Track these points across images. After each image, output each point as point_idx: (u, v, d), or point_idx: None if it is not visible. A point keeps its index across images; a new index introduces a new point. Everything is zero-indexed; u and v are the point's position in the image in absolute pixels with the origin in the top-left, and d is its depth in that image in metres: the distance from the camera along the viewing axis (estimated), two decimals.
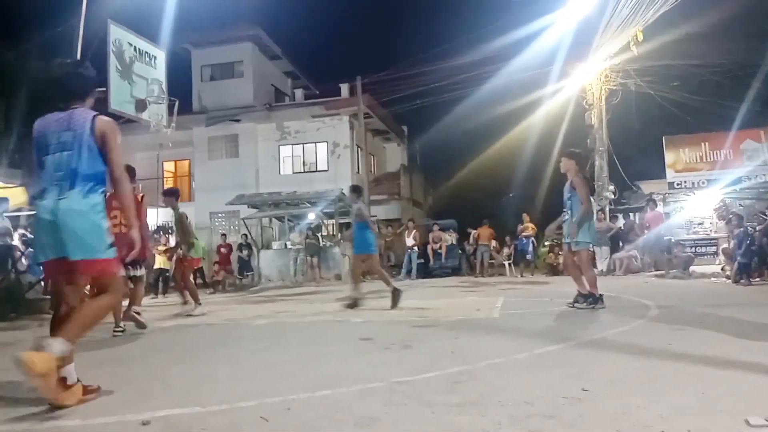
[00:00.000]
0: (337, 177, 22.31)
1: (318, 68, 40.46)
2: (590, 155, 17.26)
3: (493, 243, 17.30)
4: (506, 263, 16.49)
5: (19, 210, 11.24)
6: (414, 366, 3.52)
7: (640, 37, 15.22)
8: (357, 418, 2.47)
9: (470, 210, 24.30)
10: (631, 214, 16.88)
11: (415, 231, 16.99)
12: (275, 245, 18.86)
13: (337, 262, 17.23)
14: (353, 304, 7.42)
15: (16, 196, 11.12)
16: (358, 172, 23.77)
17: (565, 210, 6.76)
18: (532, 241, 16.14)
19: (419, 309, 7.21)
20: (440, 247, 16.58)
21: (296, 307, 8.67)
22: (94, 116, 3.06)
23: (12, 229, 10.24)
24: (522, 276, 15.13)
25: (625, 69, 16.59)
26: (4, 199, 10.74)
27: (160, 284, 14.08)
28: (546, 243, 19.35)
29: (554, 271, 15.13)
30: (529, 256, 15.85)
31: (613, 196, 17.16)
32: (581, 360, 3.58)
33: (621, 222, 16.32)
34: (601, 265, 13.84)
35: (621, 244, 14.36)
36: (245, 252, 17.95)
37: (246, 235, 18.75)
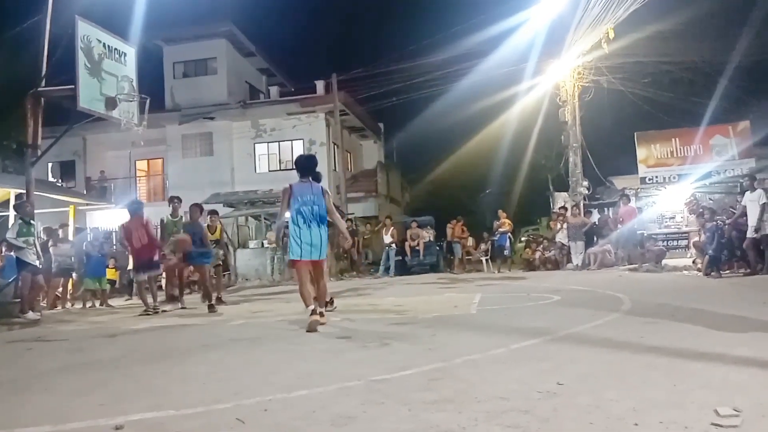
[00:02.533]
0: None
1: (293, 65, 40.25)
2: (564, 151, 17.48)
3: (470, 240, 17.41)
4: (483, 259, 16.59)
5: None
6: (391, 364, 3.52)
7: (612, 35, 15.42)
8: (334, 417, 2.46)
9: (448, 206, 24.34)
10: (605, 209, 17.11)
11: (392, 228, 16.98)
12: (252, 244, 18.67)
13: None
14: None
15: None
16: (335, 169, 23.67)
17: None
18: (509, 237, 16.29)
19: (397, 306, 7.22)
20: (418, 244, 16.61)
21: (273, 306, 8.61)
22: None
23: None
24: (499, 272, 15.25)
25: (597, 66, 16.78)
26: None
27: (134, 286, 13.83)
28: (522, 239, 19.57)
29: (531, 266, 15.28)
30: (506, 252, 15.98)
31: (587, 192, 17.37)
32: (556, 354, 3.62)
33: (595, 217, 16.55)
34: (576, 259, 14.02)
35: (595, 239, 14.56)
36: (221, 252, 17.71)
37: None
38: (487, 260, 16.50)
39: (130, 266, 13.06)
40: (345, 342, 4.55)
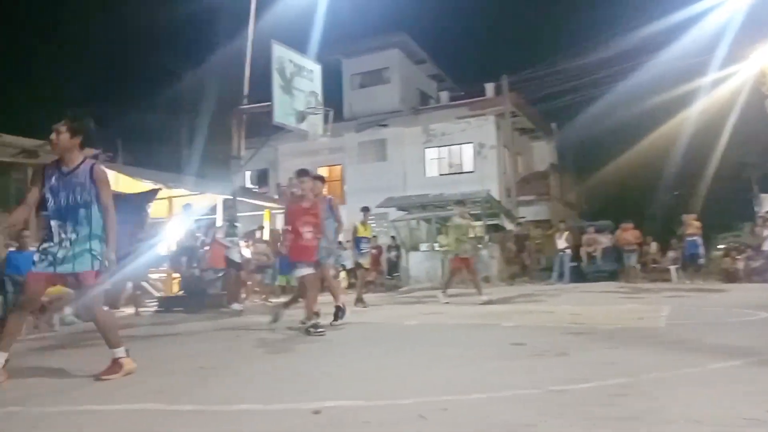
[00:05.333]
0: (483, 178, 22.11)
1: (463, 69, 40.25)
2: None
3: (654, 245, 15.96)
4: (672, 268, 15.12)
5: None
6: (569, 375, 3.42)
7: None
8: (511, 424, 2.48)
9: (628, 210, 22.60)
10: None
11: (567, 233, 16.26)
12: (423, 247, 19.19)
13: (485, 264, 17.07)
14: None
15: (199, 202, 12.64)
16: (505, 172, 23.34)
17: None
18: (701, 243, 14.60)
19: (573, 315, 6.93)
20: (595, 250, 15.68)
21: (444, 309, 8.79)
22: None
23: (197, 232, 11.65)
24: (691, 282, 13.79)
25: None
26: (188, 205, 12.25)
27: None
28: (720, 246, 17.42)
29: (730, 277, 13.58)
30: (700, 261, 14.36)
31: None
32: (766, 379, 3.22)
33: None
34: None
35: None
36: (393, 253, 18.51)
37: (394, 237, 19.33)
38: (676, 269, 15.01)
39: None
40: (519, 349, 4.51)
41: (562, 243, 16.01)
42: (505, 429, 2.43)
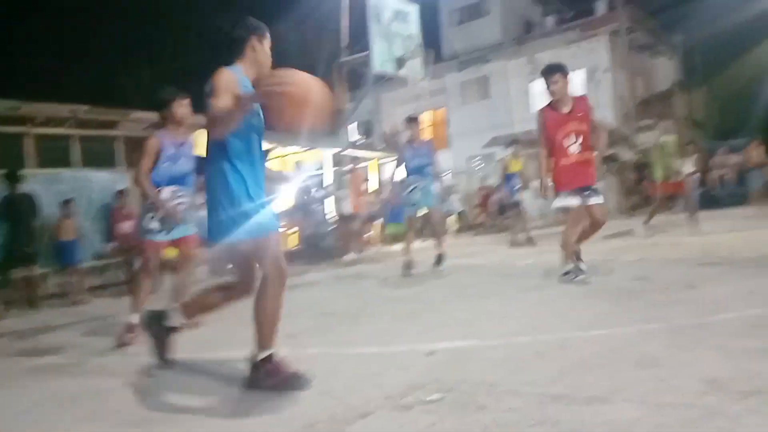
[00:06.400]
0: (599, 105, 20.64)
1: None
2: None
3: None
4: None
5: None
6: (701, 308, 3.21)
7: None
8: (637, 357, 2.40)
9: None
10: None
11: (695, 156, 14.88)
12: (534, 184, 18.57)
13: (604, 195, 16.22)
14: None
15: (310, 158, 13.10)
16: (622, 96, 21.67)
17: None
18: None
19: (703, 245, 6.42)
20: (726, 173, 14.24)
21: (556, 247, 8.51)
22: None
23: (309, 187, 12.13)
24: None
25: None
26: (301, 162, 12.72)
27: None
28: None
29: None
30: None
31: None
32: None
33: None
34: None
35: None
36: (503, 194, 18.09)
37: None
38: None
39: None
40: (643, 283, 4.28)
41: (689, 167, 14.71)
42: (630, 362, 2.35)
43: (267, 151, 11.48)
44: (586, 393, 2.05)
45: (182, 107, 4.09)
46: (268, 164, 4.66)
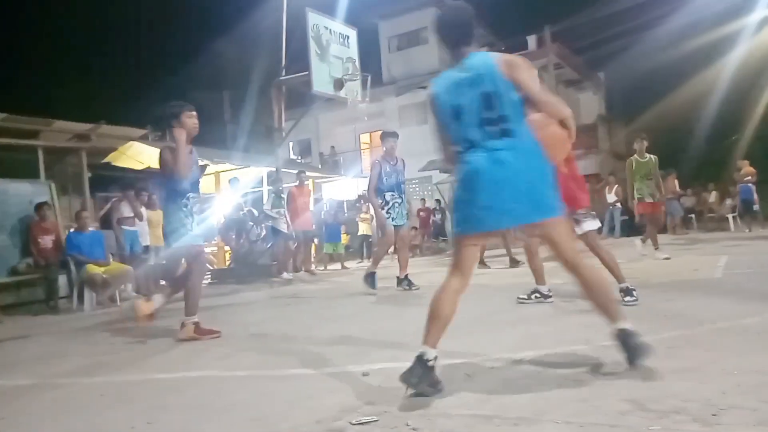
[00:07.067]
0: None
1: (503, 23, 38.68)
2: None
3: (713, 195, 15.30)
4: (730, 216, 14.52)
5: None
6: None
7: None
8: (560, 379, 2.48)
9: (686, 159, 21.54)
10: None
11: (616, 186, 15.77)
12: None
13: None
14: None
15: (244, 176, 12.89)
16: None
17: None
18: (755, 189, 13.78)
19: (626, 269, 6.74)
20: None
21: (491, 270, 8.74)
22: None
23: (243, 204, 11.90)
24: (749, 230, 13.21)
25: None
26: (235, 179, 12.49)
27: (364, 249, 15.23)
28: None
29: None
30: (755, 207, 13.68)
31: None
32: None
33: None
34: None
35: None
36: (439, 216, 18.46)
37: (439, 200, 19.23)
38: (734, 217, 14.40)
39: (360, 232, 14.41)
40: (569, 304, 4.45)
41: (611, 197, 15.57)
42: (554, 384, 2.42)
43: (202, 167, 11.21)
44: (514, 414, 2.09)
45: (191, 118, 4.34)
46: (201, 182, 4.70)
